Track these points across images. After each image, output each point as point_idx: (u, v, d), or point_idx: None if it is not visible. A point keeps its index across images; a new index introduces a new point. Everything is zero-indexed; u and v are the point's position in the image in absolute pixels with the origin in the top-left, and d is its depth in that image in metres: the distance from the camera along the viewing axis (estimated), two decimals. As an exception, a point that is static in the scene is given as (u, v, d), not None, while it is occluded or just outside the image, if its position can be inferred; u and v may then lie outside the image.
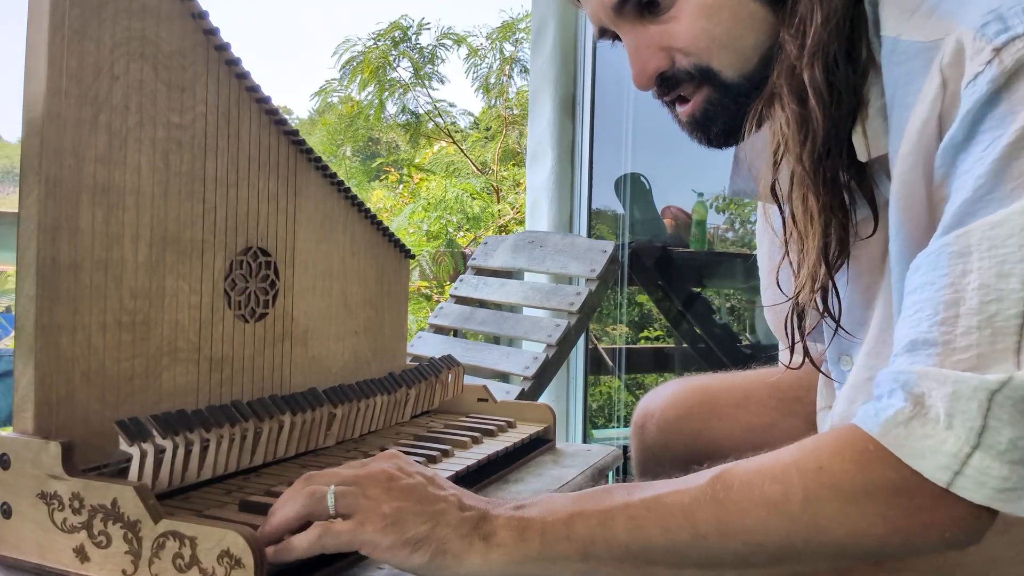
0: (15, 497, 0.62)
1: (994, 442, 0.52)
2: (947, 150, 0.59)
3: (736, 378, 1.06)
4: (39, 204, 0.63)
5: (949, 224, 0.57)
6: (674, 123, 0.80)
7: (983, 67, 0.56)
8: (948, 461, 0.52)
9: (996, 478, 0.52)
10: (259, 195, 0.84)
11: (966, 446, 0.52)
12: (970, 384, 0.52)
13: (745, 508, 0.56)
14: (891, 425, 0.54)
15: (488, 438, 0.96)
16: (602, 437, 3.03)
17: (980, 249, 0.54)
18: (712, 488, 0.57)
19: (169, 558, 0.57)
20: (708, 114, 0.73)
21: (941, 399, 0.53)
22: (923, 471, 0.53)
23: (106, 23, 0.68)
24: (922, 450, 0.53)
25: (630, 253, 2.49)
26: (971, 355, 0.53)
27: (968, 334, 0.54)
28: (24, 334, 0.64)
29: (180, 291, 0.75)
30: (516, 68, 6.31)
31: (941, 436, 0.53)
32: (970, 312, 0.54)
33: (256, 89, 0.83)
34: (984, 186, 0.55)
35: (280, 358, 0.88)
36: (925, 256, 0.58)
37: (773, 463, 0.57)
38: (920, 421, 0.54)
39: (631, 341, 3.73)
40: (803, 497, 0.55)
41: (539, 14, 2.45)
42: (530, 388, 1.76)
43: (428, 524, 0.58)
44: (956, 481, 0.52)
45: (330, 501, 0.59)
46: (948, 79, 0.59)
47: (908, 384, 0.55)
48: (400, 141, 7.21)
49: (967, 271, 0.55)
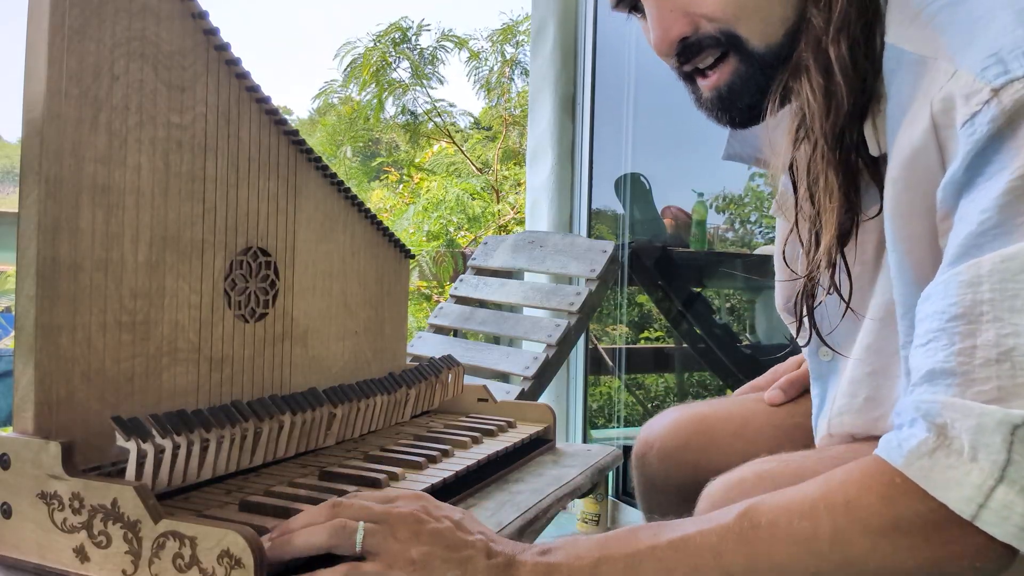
0: (15, 497, 0.62)
1: (1018, 477, 0.52)
2: (949, 186, 0.59)
3: (733, 405, 1.06)
4: (39, 204, 0.63)
5: (956, 255, 0.57)
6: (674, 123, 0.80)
7: (980, 107, 0.57)
8: (973, 493, 0.52)
9: (1019, 515, 0.51)
10: (259, 195, 0.84)
11: (990, 479, 0.52)
12: (995, 417, 0.52)
13: (773, 546, 0.56)
14: (915, 456, 0.54)
15: (488, 438, 0.96)
16: (602, 437, 3.03)
17: (991, 280, 0.55)
18: (740, 526, 0.57)
19: (169, 558, 0.57)
20: (734, 87, 0.72)
21: (965, 431, 0.53)
22: (949, 503, 0.53)
23: (106, 23, 0.68)
24: (947, 482, 0.53)
25: (630, 253, 2.49)
26: (991, 387, 0.53)
27: (987, 367, 0.54)
28: (24, 334, 0.64)
29: (180, 291, 0.75)
30: (517, 70, 6.32)
31: (966, 468, 0.53)
32: (987, 344, 0.54)
33: (256, 89, 0.83)
34: (990, 219, 0.56)
35: (280, 358, 0.88)
36: (935, 286, 0.59)
37: (801, 499, 0.57)
38: (944, 452, 0.54)
39: (631, 341, 3.73)
40: (832, 533, 0.55)
41: (539, 15, 2.45)
42: (530, 388, 1.76)
43: (456, 571, 0.57)
44: (981, 514, 0.52)
45: (359, 537, 0.58)
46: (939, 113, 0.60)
47: (930, 414, 0.55)
48: (400, 141, 7.21)
49: (979, 301, 0.55)
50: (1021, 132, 0.55)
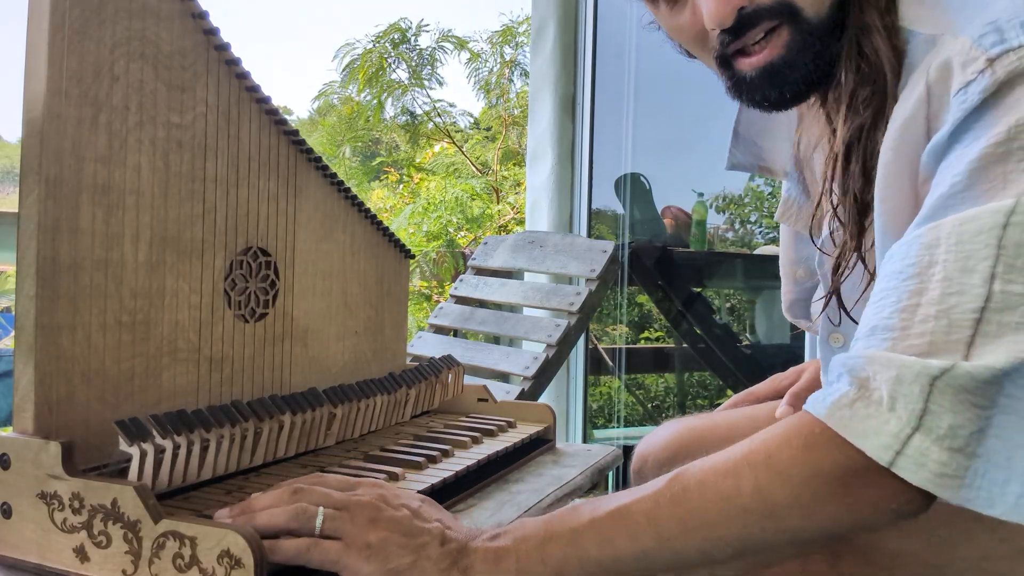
0: (15, 497, 0.62)
1: (934, 426, 0.53)
2: (933, 151, 0.61)
3: (721, 416, 1.10)
4: (39, 204, 0.63)
5: (924, 216, 0.59)
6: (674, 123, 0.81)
7: (975, 76, 0.58)
8: (890, 441, 0.54)
9: (935, 462, 0.53)
10: (259, 195, 0.84)
11: (907, 427, 0.53)
12: (913, 369, 0.54)
13: (702, 505, 0.58)
14: (836, 407, 0.56)
15: (488, 438, 0.96)
16: (602, 437, 3.03)
17: (948, 243, 0.56)
18: (671, 490, 0.59)
19: (169, 558, 0.57)
20: (787, 60, 0.70)
21: (885, 382, 0.55)
22: (867, 450, 0.54)
23: (106, 23, 0.68)
24: (865, 430, 0.55)
25: (630, 253, 2.49)
26: (923, 342, 0.55)
27: (925, 322, 0.55)
28: (24, 334, 0.64)
29: (180, 291, 0.75)
30: (516, 71, 6.32)
31: (884, 417, 0.54)
32: (931, 302, 0.55)
33: (256, 89, 0.83)
34: (960, 183, 0.57)
35: (280, 358, 0.88)
36: (898, 246, 0.60)
37: (726, 459, 0.59)
38: (864, 403, 0.55)
39: (631, 341, 3.73)
40: (754, 487, 0.57)
41: (539, 15, 2.45)
42: (530, 388, 1.76)
43: (411, 557, 0.59)
44: (897, 461, 0.53)
45: (318, 522, 0.60)
46: (935, 81, 0.61)
47: (855, 368, 0.57)
48: (400, 141, 7.21)
49: (933, 262, 0.56)
50: (1005, 101, 0.56)
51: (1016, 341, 0.53)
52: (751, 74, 0.71)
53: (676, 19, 0.74)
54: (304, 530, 0.60)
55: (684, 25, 0.73)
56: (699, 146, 3.09)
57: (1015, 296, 0.54)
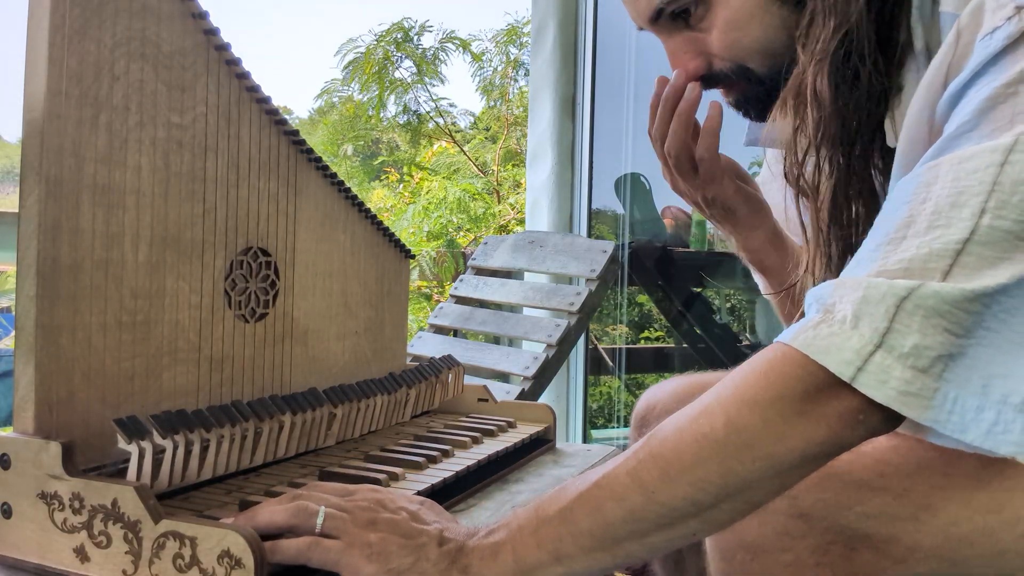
0: (15, 497, 0.62)
1: (896, 344, 0.53)
2: (950, 98, 0.60)
3: None
4: (39, 204, 0.63)
5: (928, 156, 0.58)
6: None
7: (1003, 22, 0.57)
8: (851, 357, 0.53)
9: (897, 379, 0.53)
10: (259, 195, 0.84)
11: (869, 344, 0.53)
12: (880, 289, 0.54)
13: (679, 450, 0.57)
14: (800, 331, 0.56)
15: (488, 438, 0.96)
16: (602, 437, 3.03)
17: (944, 180, 0.56)
18: (648, 444, 0.59)
19: (169, 558, 0.57)
20: (742, 104, 0.82)
21: (851, 303, 0.55)
22: (829, 366, 0.54)
23: (106, 23, 0.68)
24: (827, 347, 0.54)
25: (630, 253, 2.49)
26: (900, 268, 0.55)
27: (906, 251, 0.55)
28: (24, 334, 0.64)
29: (180, 291, 0.75)
30: (520, 71, 6.31)
31: (847, 335, 0.54)
32: (916, 234, 0.55)
33: (256, 89, 0.83)
34: (967, 123, 0.56)
35: (280, 358, 0.88)
36: (900, 183, 0.60)
37: (697, 403, 0.59)
38: (827, 324, 0.55)
39: (631, 341, 3.73)
40: (725, 420, 0.56)
41: (539, 15, 2.45)
42: (530, 388, 1.76)
43: (411, 558, 0.59)
44: (859, 377, 0.53)
45: (319, 520, 0.60)
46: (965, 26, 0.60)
47: (822, 296, 0.57)
48: (401, 141, 7.21)
49: (927, 198, 0.56)
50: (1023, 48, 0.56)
51: (994, 274, 0.52)
52: (729, 102, 0.83)
53: None
54: (304, 528, 0.60)
55: None
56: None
57: (1001, 232, 0.53)
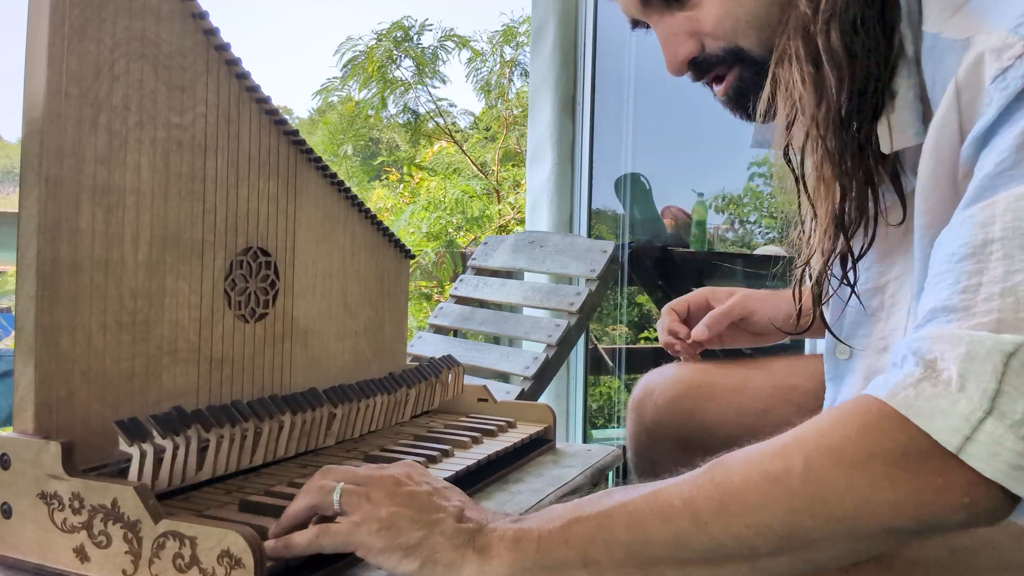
0: (15, 497, 0.62)
1: (1008, 410, 0.49)
2: (974, 141, 0.58)
3: (735, 364, 1.06)
4: (39, 204, 0.63)
5: (971, 197, 0.56)
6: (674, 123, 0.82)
7: (1013, 61, 0.55)
8: (959, 424, 0.49)
9: (1009, 451, 0.48)
10: (259, 195, 0.84)
11: (979, 410, 0.49)
12: (985, 345, 0.50)
13: (745, 487, 0.53)
14: (900, 388, 0.52)
15: (488, 438, 0.96)
16: (602, 437, 3.03)
17: (1004, 220, 0.53)
18: (711, 472, 0.55)
19: (169, 558, 0.57)
20: (740, 91, 0.75)
21: (954, 360, 0.51)
22: (932, 432, 0.50)
23: (106, 23, 0.68)
24: (932, 410, 0.50)
25: (630, 253, 2.49)
26: (991, 319, 0.51)
27: (990, 300, 0.51)
28: (24, 334, 0.64)
29: (180, 291, 0.75)
30: (516, 71, 6.31)
31: (953, 397, 0.50)
32: (993, 280, 0.52)
33: (256, 89, 0.83)
34: (1006, 161, 0.54)
35: (280, 358, 0.88)
36: (948, 231, 0.57)
37: (775, 441, 0.55)
38: (931, 382, 0.51)
39: (631, 341, 3.73)
40: (804, 468, 0.52)
41: (539, 15, 2.45)
42: (530, 388, 1.76)
43: (422, 531, 0.58)
44: (967, 447, 0.49)
45: (335, 497, 0.60)
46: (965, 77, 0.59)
47: (921, 350, 0.53)
48: (400, 140, 7.21)
49: (989, 240, 0.53)
50: None
51: None
52: (722, 99, 0.77)
53: None
54: (323, 507, 0.61)
55: None
56: (699, 146, 3.09)
57: None
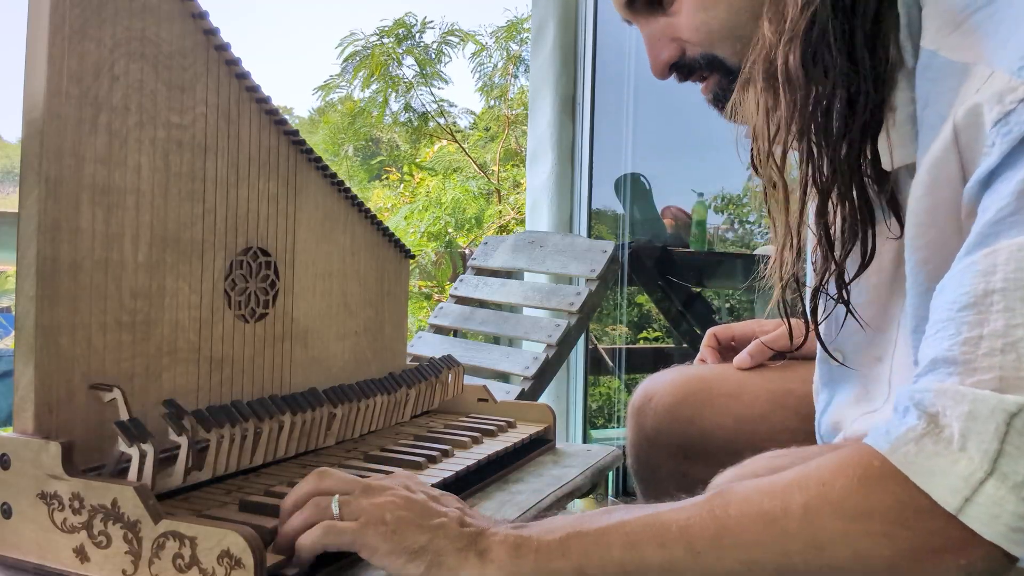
0: (15, 497, 0.62)
1: (1010, 471, 0.49)
2: (979, 182, 0.57)
3: (731, 370, 1.06)
4: (39, 204, 0.63)
5: (972, 244, 0.55)
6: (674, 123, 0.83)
7: (1016, 104, 0.54)
8: (959, 484, 0.49)
9: (1010, 513, 0.48)
10: (259, 195, 0.84)
11: (980, 471, 0.49)
12: (988, 404, 0.50)
13: (742, 524, 0.54)
14: (901, 442, 0.52)
15: (488, 438, 0.96)
16: (602, 437, 3.03)
17: (1006, 269, 0.52)
18: (711, 503, 0.56)
19: (169, 558, 0.57)
20: (718, 96, 0.77)
21: (956, 418, 0.50)
22: (932, 492, 0.50)
23: (106, 23, 0.68)
24: (932, 469, 0.50)
25: (630, 253, 2.49)
26: (992, 376, 0.50)
27: (991, 356, 0.51)
28: (24, 334, 0.64)
29: (180, 291, 0.75)
30: (521, 67, 6.29)
31: (954, 456, 0.50)
32: (994, 334, 0.51)
33: (256, 89, 0.83)
34: (1007, 207, 0.54)
35: (280, 358, 0.88)
36: (949, 277, 0.57)
37: (776, 480, 0.56)
38: (932, 439, 0.51)
39: (631, 341, 3.73)
40: (803, 513, 0.53)
41: (539, 14, 2.45)
42: (530, 388, 1.76)
43: (427, 536, 0.59)
44: (967, 509, 0.49)
45: (334, 509, 0.61)
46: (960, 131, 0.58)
47: (923, 403, 0.53)
48: (400, 140, 7.20)
49: (990, 290, 0.53)
50: None
51: None
52: (707, 99, 0.79)
53: None
54: (324, 518, 0.61)
55: None
56: (699, 146, 3.09)
57: None
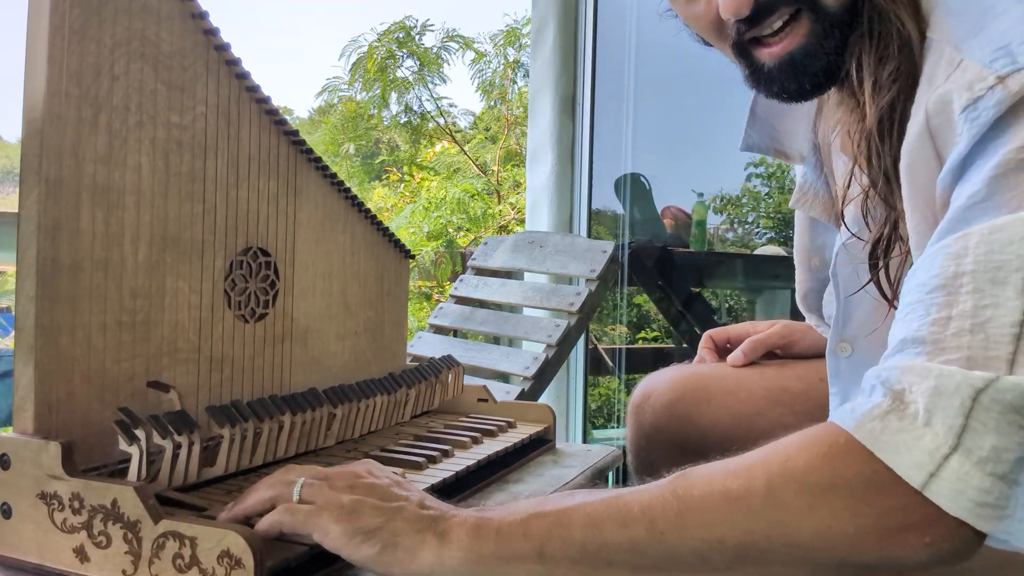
0: (15, 497, 0.62)
1: (974, 446, 0.48)
2: (950, 172, 0.58)
3: (729, 368, 1.07)
4: (39, 204, 0.63)
5: (944, 230, 0.56)
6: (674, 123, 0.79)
7: (984, 92, 0.55)
8: (924, 459, 0.49)
9: (975, 488, 0.48)
10: (259, 195, 0.84)
11: (944, 446, 0.49)
12: (954, 379, 0.49)
13: (705, 503, 0.53)
14: (867, 419, 0.51)
15: (488, 438, 0.96)
16: (602, 437, 3.03)
17: (977, 252, 0.53)
18: (673, 485, 0.55)
19: (169, 558, 0.57)
20: (808, 49, 0.68)
21: (922, 394, 0.50)
22: (896, 468, 0.49)
23: (106, 23, 0.68)
24: (896, 445, 0.50)
25: (630, 253, 2.49)
26: (960, 356, 0.51)
27: (959, 336, 0.51)
28: (24, 334, 0.64)
29: (180, 291, 0.75)
30: (519, 72, 6.30)
31: (918, 432, 0.49)
32: (963, 315, 0.52)
33: (256, 89, 0.83)
34: (979, 193, 0.54)
35: (280, 358, 0.88)
36: (921, 260, 0.57)
37: (740, 460, 0.55)
38: (897, 415, 0.51)
39: (630, 341, 3.73)
40: (765, 490, 0.52)
41: (539, 15, 2.45)
42: (530, 388, 1.76)
43: (383, 518, 0.58)
44: (931, 484, 0.49)
45: (296, 489, 0.61)
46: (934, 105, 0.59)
47: (889, 380, 0.53)
48: (400, 141, 7.21)
49: (960, 272, 0.53)
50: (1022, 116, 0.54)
51: None
52: (770, 64, 0.70)
53: (692, 7, 0.72)
54: (283, 497, 0.61)
55: (700, 13, 0.72)
56: (699, 146, 3.09)
57: None
